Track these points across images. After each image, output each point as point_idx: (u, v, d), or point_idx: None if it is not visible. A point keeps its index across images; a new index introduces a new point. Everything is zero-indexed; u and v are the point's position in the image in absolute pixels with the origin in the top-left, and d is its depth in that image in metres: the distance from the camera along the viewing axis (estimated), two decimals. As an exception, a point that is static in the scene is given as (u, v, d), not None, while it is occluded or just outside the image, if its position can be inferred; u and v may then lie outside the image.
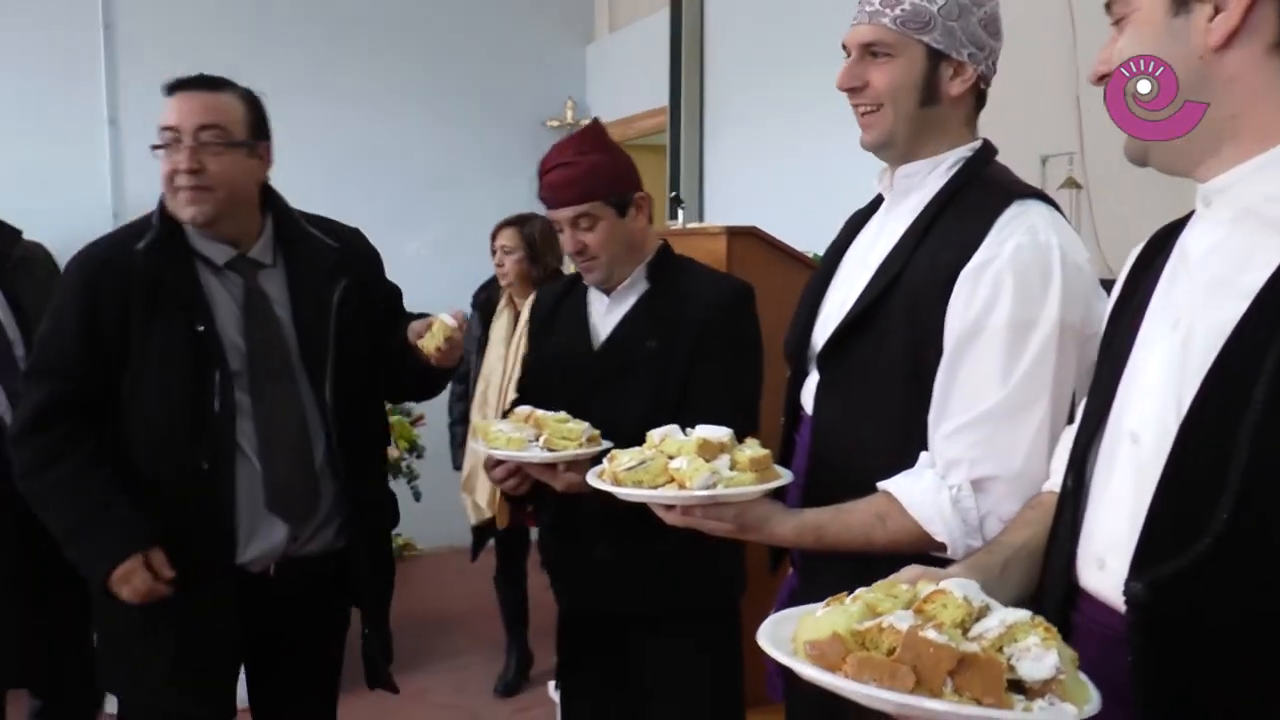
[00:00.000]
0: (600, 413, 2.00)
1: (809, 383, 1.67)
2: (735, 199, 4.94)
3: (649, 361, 2.08)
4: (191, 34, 5.18)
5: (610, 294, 2.18)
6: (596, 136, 2.18)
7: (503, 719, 3.86)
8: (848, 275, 1.67)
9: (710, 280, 2.20)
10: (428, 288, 4.00)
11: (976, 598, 1.00)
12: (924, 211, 1.55)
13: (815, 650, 0.97)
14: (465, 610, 4.88)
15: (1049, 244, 1.43)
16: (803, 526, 1.52)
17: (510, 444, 1.94)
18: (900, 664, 0.93)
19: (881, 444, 1.53)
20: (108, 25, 5.16)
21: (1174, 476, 1.00)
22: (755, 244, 3.16)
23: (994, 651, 0.94)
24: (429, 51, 5.89)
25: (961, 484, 1.44)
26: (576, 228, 2.11)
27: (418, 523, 5.44)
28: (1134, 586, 1.01)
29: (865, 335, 1.55)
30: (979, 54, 1.56)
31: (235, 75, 2.17)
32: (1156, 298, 1.14)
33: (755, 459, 1.52)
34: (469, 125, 5.98)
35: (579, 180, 2.09)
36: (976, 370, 1.44)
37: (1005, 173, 1.59)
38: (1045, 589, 1.20)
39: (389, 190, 5.72)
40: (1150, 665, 1.01)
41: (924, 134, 1.58)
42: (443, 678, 4.19)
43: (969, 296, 1.44)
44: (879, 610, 1.00)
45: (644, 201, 2.16)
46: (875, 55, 1.56)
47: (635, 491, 1.52)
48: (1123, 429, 1.11)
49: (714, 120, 5.14)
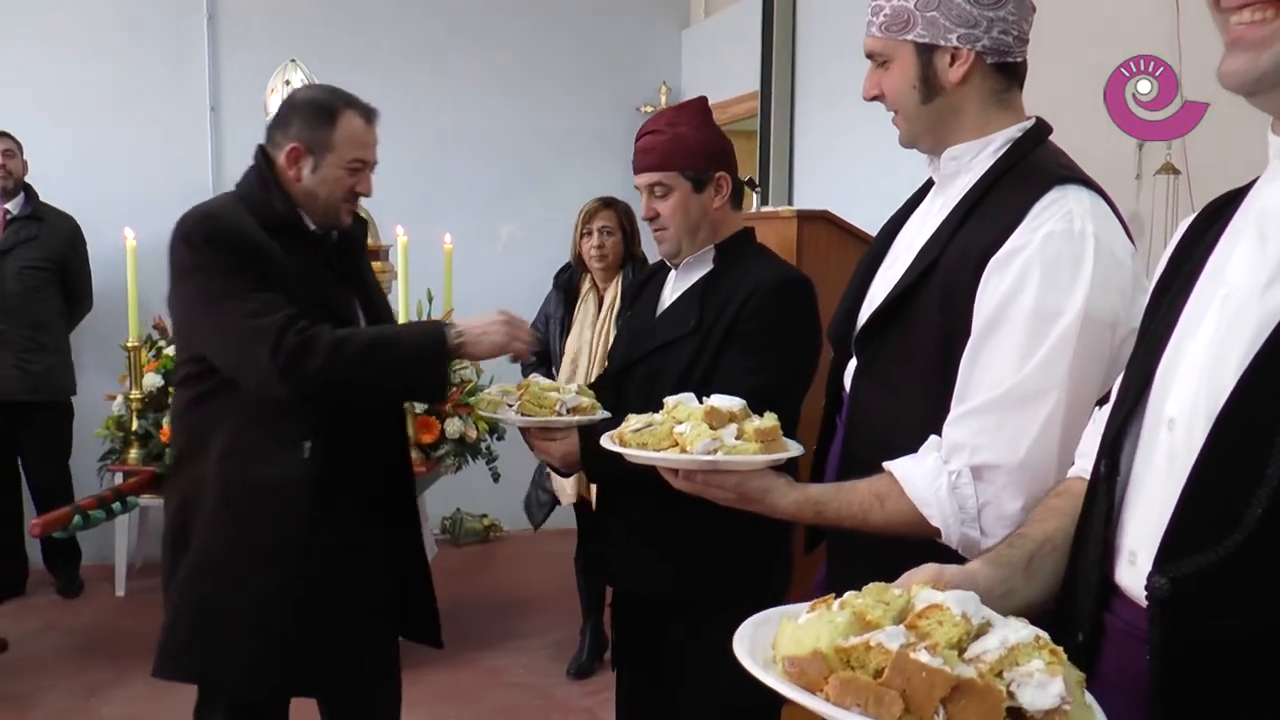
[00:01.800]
0: (640, 382, 2.12)
1: (850, 365, 1.66)
2: (825, 183, 4.85)
3: (688, 338, 2.10)
4: (290, 24, 5.32)
5: (677, 269, 2.22)
6: (694, 112, 2.20)
7: (573, 700, 3.88)
8: (894, 259, 1.65)
9: (767, 268, 2.16)
10: (520, 272, 4.07)
11: (976, 614, 0.92)
12: (966, 195, 1.52)
13: (795, 668, 0.90)
14: (545, 592, 4.92)
15: (1083, 232, 1.38)
16: (804, 500, 1.52)
17: (489, 405, 2.07)
18: (888, 688, 0.85)
19: (912, 429, 1.50)
20: (211, 15, 5.32)
21: (1207, 467, 0.93)
22: (827, 228, 3.10)
23: (993, 677, 0.87)
24: (525, 37, 5.92)
25: (961, 470, 1.40)
26: (652, 194, 2.16)
27: (503, 505, 5.55)
28: (1157, 581, 0.94)
29: (900, 320, 1.53)
30: (972, 32, 1.50)
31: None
32: (1208, 272, 1.05)
33: (762, 430, 1.53)
34: (563, 110, 6.00)
35: (661, 148, 2.13)
36: (995, 358, 1.40)
37: (1053, 155, 1.53)
38: (1075, 585, 1.12)
39: (483, 176, 5.78)
40: (1170, 665, 0.94)
41: (942, 127, 1.56)
42: (516, 657, 4.24)
43: (996, 283, 1.41)
44: (868, 619, 0.93)
45: (724, 183, 2.16)
46: (881, 64, 1.57)
47: (638, 453, 1.56)
48: (1161, 414, 1.03)
49: (805, 104, 5.06)
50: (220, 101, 5.34)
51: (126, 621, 4.55)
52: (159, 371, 3.83)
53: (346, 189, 2.19)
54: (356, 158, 2.18)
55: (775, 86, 5.11)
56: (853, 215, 3.19)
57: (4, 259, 4.50)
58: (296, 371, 1.99)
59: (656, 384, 2.08)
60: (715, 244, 2.18)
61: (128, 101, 5.19)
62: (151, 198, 5.03)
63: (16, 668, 4.03)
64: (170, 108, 5.27)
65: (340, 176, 2.18)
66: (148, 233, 3.99)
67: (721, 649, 2.23)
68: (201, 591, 2.14)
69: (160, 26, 5.26)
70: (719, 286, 2.13)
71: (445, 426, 4.26)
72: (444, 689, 3.82)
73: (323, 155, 2.16)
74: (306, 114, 2.18)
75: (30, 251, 4.56)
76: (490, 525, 5.80)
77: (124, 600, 4.82)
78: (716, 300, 2.10)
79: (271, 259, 2.08)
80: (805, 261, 2.98)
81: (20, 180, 4.62)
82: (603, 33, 6.08)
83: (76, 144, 5.08)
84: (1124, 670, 0.93)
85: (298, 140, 2.16)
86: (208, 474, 2.12)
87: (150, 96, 5.23)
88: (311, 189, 2.18)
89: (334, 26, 5.40)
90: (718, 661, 2.12)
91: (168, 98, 5.27)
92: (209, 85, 5.31)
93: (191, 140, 5.29)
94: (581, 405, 2.06)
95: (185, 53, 5.30)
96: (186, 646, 2.15)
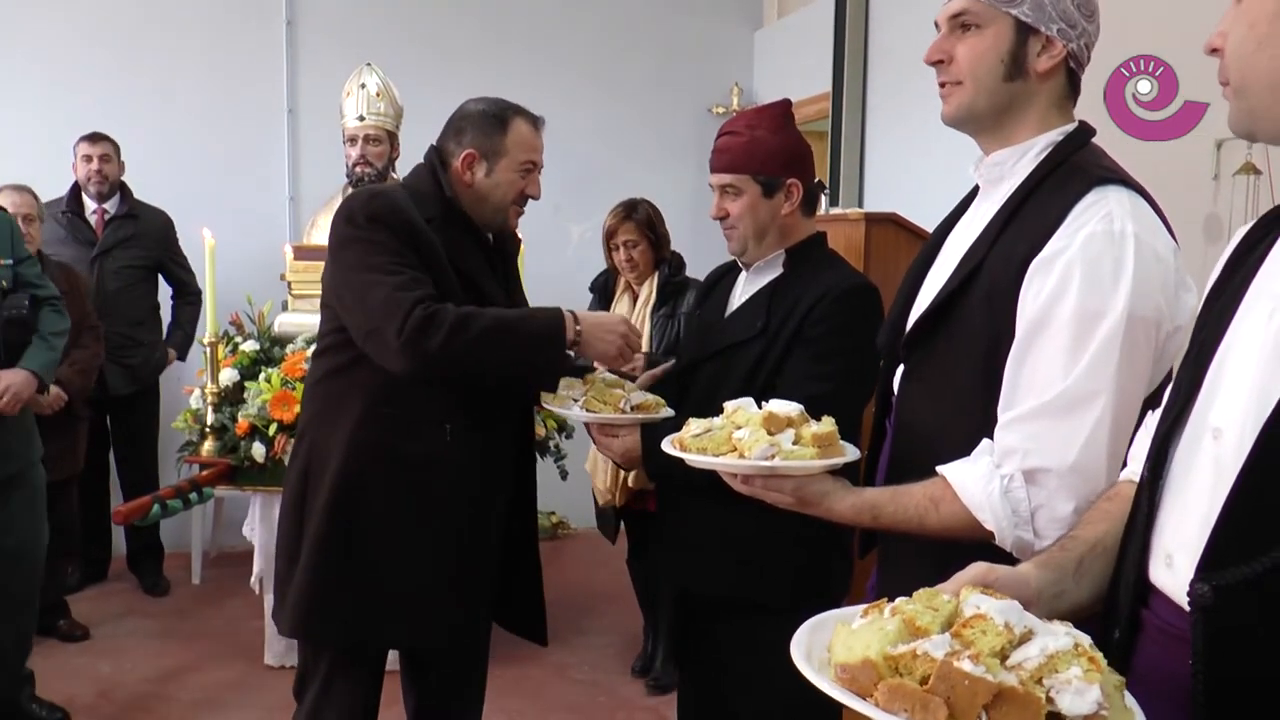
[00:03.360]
0: (704, 383, 2.15)
1: (899, 369, 1.67)
2: (896, 185, 4.81)
3: (754, 341, 2.11)
4: (364, 29, 5.42)
5: (749, 271, 2.24)
6: (774, 116, 2.20)
7: (638, 698, 3.90)
8: (941, 264, 1.66)
9: (835, 275, 2.17)
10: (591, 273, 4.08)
11: (1019, 622, 0.95)
12: (1009, 200, 1.53)
13: (846, 674, 0.95)
14: (612, 590, 4.94)
15: (1124, 233, 1.38)
16: (861, 505, 1.54)
17: (555, 400, 2.10)
18: (933, 695, 0.89)
19: (958, 434, 1.51)
20: (290, 21, 5.46)
21: (1253, 477, 0.95)
22: (895, 231, 3.08)
23: (1033, 684, 0.90)
24: (598, 39, 5.97)
25: (1013, 474, 1.41)
26: (724, 194, 2.18)
27: (571, 502, 5.59)
28: (1200, 588, 0.96)
29: (946, 324, 1.54)
30: (1070, 31, 1.52)
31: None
32: (1257, 284, 1.07)
33: (820, 435, 1.54)
34: (636, 111, 6.03)
35: (736, 150, 2.16)
36: (1041, 361, 1.41)
37: (1096, 157, 1.53)
38: (1118, 583, 1.15)
39: (555, 176, 5.77)
40: (1213, 670, 0.96)
41: (1009, 111, 1.55)
42: (583, 654, 4.28)
43: (1039, 286, 1.41)
44: (917, 625, 0.97)
45: (795, 190, 2.17)
46: (964, 28, 1.54)
47: (698, 458, 1.58)
48: (1206, 423, 1.05)
49: (876, 106, 5.02)
50: (298, 105, 5.47)
51: (202, 609, 4.69)
52: (236, 366, 3.93)
53: (518, 191, 2.32)
54: (528, 160, 2.31)
55: (847, 88, 5.08)
56: (923, 218, 3.16)
57: (104, 259, 4.61)
58: (418, 345, 2.05)
59: (721, 384, 2.10)
60: (785, 249, 2.19)
61: (210, 104, 5.34)
62: (230, 199, 5.18)
63: (97, 653, 4.17)
64: (250, 110, 5.42)
65: (513, 180, 2.30)
66: (226, 232, 4.10)
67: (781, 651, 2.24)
68: (328, 556, 2.21)
69: (242, 32, 5.40)
70: (787, 291, 2.14)
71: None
72: (511, 684, 3.87)
73: (496, 160, 2.29)
74: (479, 122, 2.31)
75: (128, 251, 4.68)
76: (559, 522, 5.85)
77: (200, 589, 4.97)
78: (784, 305, 2.11)
79: (429, 245, 2.18)
80: (873, 264, 2.97)
81: (117, 183, 4.72)
82: (675, 34, 6.10)
83: (161, 145, 5.23)
84: (1160, 668, 0.97)
85: (473, 147, 2.28)
86: (337, 443, 2.22)
87: (231, 100, 5.38)
88: (484, 193, 2.30)
89: (406, 32, 5.50)
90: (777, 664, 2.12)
91: (248, 101, 5.42)
92: (287, 89, 5.45)
93: (269, 142, 5.44)
94: (645, 403, 2.09)
95: (265, 58, 5.44)
96: (316, 607, 2.22)
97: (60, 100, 5.08)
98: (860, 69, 5.07)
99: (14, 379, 3.09)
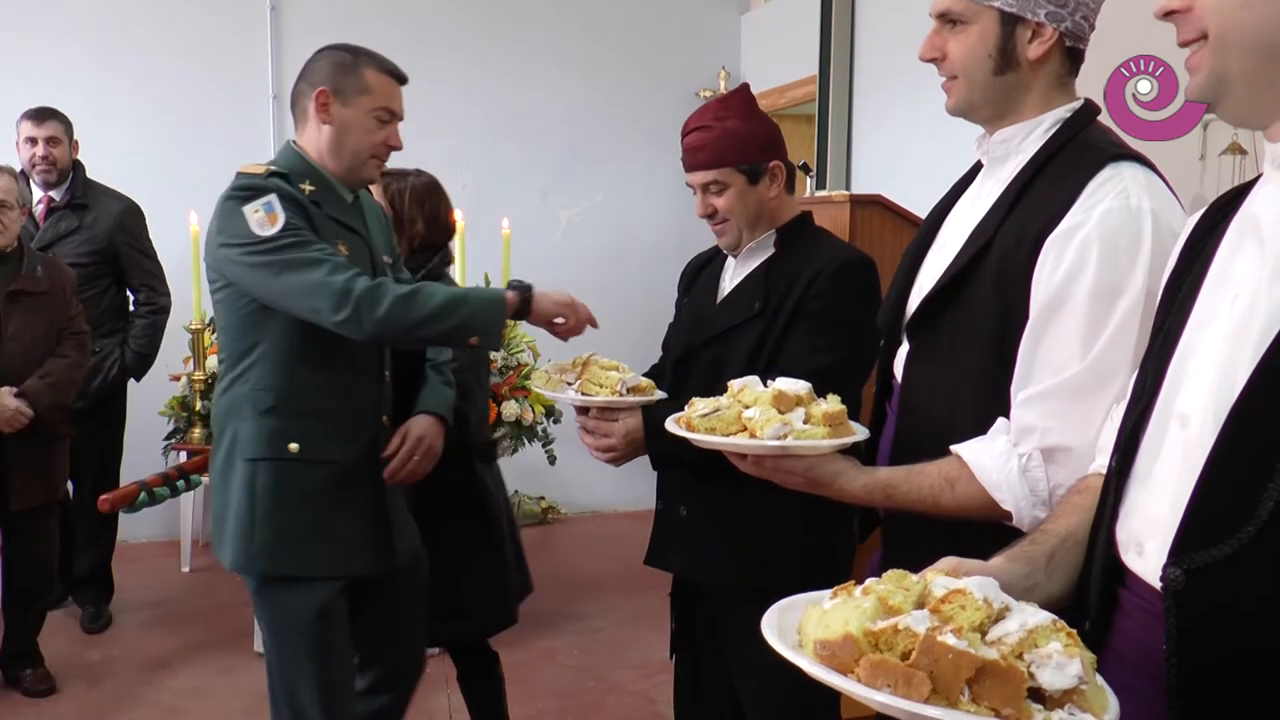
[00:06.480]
0: (703, 368, 2.12)
1: (901, 351, 1.65)
2: (882, 168, 4.80)
3: (753, 322, 2.10)
4: (350, 12, 5.39)
5: (737, 256, 2.21)
6: (739, 103, 2.18)
7: (630, 683, 3.90)
8: (943, 243, 1.63)
9: (830, 249, 2.16)
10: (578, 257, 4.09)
11: (997, 599, 0.95)
12: (1017, 177, 1.50)
13: (827, 651, 0.93)
14: (602, 575, 4.95)
15: (1140, 209, 1.37)
16: (874, 484, 1.52)
17: (548, 384, 2.05)
18: (916, 670, 0.88)
19: (967, 414, 1.50)
20: (274, 7, 5.44)
21: (1221, 461, 0.95)
22: (881, 213, 3.07)
23: (1014, 659, 0.90)
24: (584, 21, 5.93)
25: (1031, 453, 1.40)
26: (707, 192, 2.15)
27: (560, 488, 5.59)
28: (1173, 572, 0.97)
29: (954, 304, 1.52)
30: (1060, 11, 1.48)
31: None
32: (1214, 270, 1.06)
33: (830, 414, 1.52)
34: (622, 95, 6.00)
35: (712, 145, 2.12)
36: (1059, 339, 1.39)
37: (1104, 134, 1.52)
38: (1089, 570, 1.15)
39: (542, 160, 5.81)
40: (1185, 653, 0.97)
41: (1006, 101, 1.53)
42: (572, 639, 4.27)
43: (1055, 263, 1.39)
44: (890, 604, 0.96)
45: (778, 171, 2.15)
46: (952, 24, 1.53)
47: (707, 438, 1.55)
48: (1173, 410, 1.05)
49: (863, 89, 5.00)
50: (283, 90, 5.41)
51: (192, 596, 4.68)
52: (222, 353, 3.90)
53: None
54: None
55: (834, 71, 5.05)
56: (910, 200, 3.16)
57: None
58: None
59: (721, 369, 2.08)
60: (776, 229, 2.18)
61: (194, 89, 5.30)
62: (215, 183, 5.12)
63: (86, 641, 4.16)
64: (235, 95, 5.38)
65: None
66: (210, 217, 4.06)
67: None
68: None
69: (226, 16, 5.37)
70: (782, 270, 2.12)
71: (502, 409, 4.28)
72: (500, 669, 3.86)
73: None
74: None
75: (71, 245, 4.02)
76: (548, 507, 5.85)
77: (189, 575, 4.96)
78: (781, 283, 2.10)
79: None
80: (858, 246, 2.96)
81: (67, 168, 4.09)
82: (662, 17, 6.07)
83: (144, 129, 5.20)
84: (1139, 644, 0.97)
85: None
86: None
87: (216, 84, 5.34)
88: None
89: (393, 15, 5.46)
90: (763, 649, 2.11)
91: (232, 85, 5.38)
92: (272, 74, 5.41)
93: (255, 127, 5.38)
94: (640, 385, 2.06)
95: (250, 42, 5.40)
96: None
97: (39, 83, 5.00)
98: (847, 52, 5.05)
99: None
